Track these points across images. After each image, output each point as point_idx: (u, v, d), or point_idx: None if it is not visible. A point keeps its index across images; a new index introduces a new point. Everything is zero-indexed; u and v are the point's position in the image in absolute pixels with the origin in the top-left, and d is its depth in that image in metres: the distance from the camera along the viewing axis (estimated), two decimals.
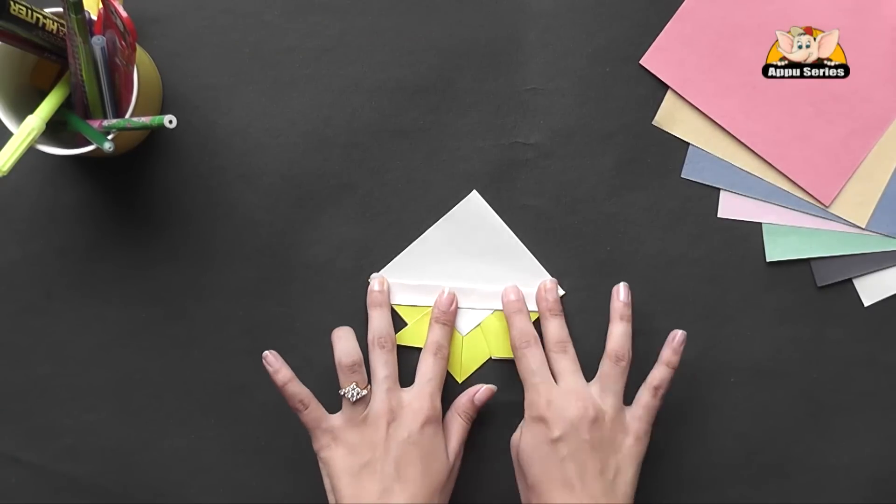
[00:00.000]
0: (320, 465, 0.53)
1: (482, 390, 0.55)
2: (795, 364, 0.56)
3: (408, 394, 0.53)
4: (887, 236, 0.56)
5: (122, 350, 0.56)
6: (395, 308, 0.56)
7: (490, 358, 0.56)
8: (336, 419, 0.52)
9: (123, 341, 0.56)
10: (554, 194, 0.56)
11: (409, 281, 0.56)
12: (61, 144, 0.50)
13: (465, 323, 0.56)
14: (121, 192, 0.56)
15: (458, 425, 0.54)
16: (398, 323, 0.56)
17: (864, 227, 0.56)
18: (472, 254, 0.56)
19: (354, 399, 0.52)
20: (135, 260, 0.56)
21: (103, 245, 0.56)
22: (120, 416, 0.56)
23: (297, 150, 0.56)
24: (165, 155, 0.56)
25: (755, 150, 0.56)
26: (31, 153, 0.49)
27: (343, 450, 0.51)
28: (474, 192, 0.56)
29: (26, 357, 0.56)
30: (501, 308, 0.56)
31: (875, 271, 0.56)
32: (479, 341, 0.56)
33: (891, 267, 0.56)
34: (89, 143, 0.48)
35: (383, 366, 0.53)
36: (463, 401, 0.55)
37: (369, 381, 0.53)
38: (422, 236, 0.56)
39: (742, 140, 0.56)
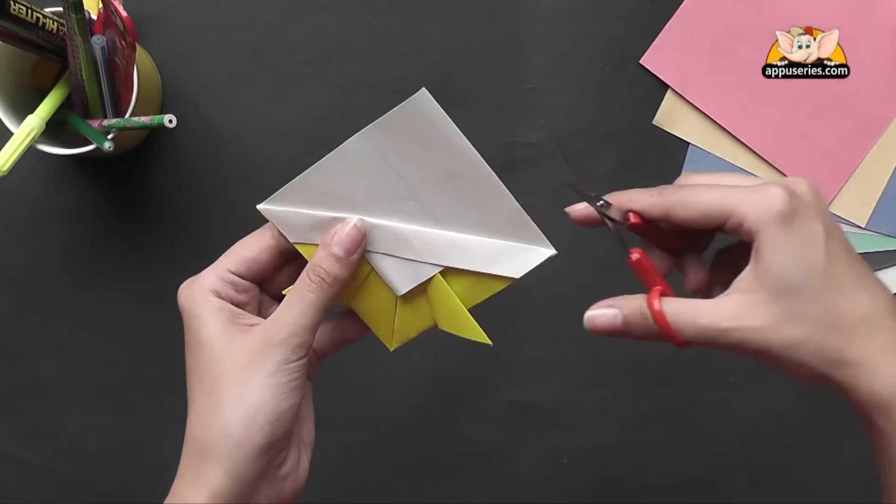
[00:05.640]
0: None
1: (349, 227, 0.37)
2: None
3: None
4: (887, 236, 0.56)
5: (122, 350, 0.56)
6: (297, 246, 0.39)
7: (435, 325, 0.40)
8: None
9: (123, 341, 0.56)
10: (554, 194, 0.56)
11: (317, 211, 0.38)
12: (61, 144, 0.50)
13: (401, 278, 0.39)
14: (121, 192, 0.56)
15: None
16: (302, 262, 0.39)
17: (864, 226, 0.56)
18: (416, 181, 0.37)
19: None
20: (135, 260, 0.56)
21: (103, 245, 0.56)
22: (120, 416, 0.56)
23: (297, 150, 0.56)
24: (165, 155, 0.56)
25: (755, 150, 0.56)
26: (31, 153, 0.49)
27: None
28: (423, 90, 0.36)
29: (26, 357, 0.56)
30: (457, 265, 0.38)
31: (875, 271, 0.56)
32: (422, 304, 0.40)
33: (891, 267, 0.56)
34: (89, 143, 0.48)
35: None
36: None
37: None
38: (339, 147, 0.37)
39: (742, 140, 0.56)
